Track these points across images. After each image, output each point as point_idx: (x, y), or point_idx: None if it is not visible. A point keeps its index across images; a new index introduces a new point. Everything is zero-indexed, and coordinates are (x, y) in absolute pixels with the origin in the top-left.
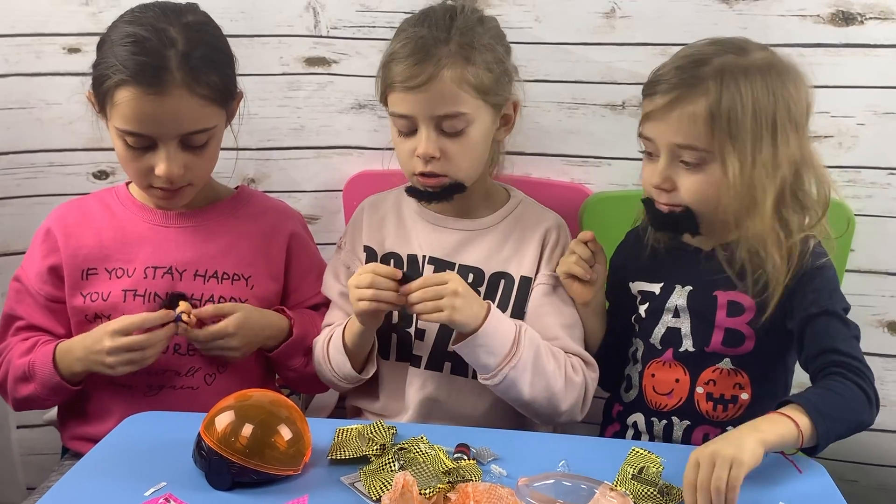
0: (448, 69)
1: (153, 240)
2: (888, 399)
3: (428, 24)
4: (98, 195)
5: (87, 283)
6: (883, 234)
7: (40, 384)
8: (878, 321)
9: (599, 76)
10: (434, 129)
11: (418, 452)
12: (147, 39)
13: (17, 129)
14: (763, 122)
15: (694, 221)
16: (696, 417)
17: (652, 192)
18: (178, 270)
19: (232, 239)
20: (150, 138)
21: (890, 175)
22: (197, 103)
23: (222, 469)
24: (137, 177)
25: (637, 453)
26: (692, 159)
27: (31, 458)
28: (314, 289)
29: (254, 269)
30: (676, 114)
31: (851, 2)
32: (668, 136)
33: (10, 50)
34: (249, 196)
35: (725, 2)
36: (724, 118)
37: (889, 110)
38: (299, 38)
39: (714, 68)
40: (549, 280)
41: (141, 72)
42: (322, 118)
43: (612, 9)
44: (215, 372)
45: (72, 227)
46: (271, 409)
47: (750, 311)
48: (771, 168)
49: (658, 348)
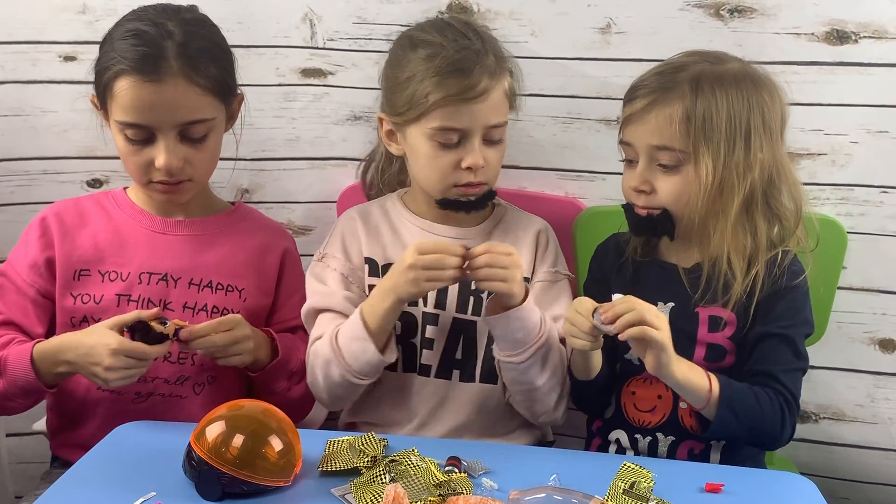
0: (496, 78)
1: (149, 245)
2: (879, 417)
3: (457, 37)
4: (95, 197)
5: (78, 284)
6: (875, 252)
7: (10, 381)
8: (870, 339)
9: (595, 91)
10: (481, 140)
11: (409, 465)
12: (146, 32)
13: (11, 137)
14: (737, 125)
15: (671, 223)
16: (680, 433)
17: (631, 195)
18: (174, 278)
19: (227, 250)
20: (149, 130)
21: (883, 193)
22: (194, 92)
23: (212, 479)
24: (138, 172)
25: (628, 468)
26: (669, 161)
27: (19, 467)
28: (296, 310)
29: (247, 282)
30: (653, 115)
31: (846, 21)
32: (645, 139)
33: (6, 57)
34: (246, 213)
35: (720, 19)
36: (699, 119)
37: (882, 129)
38: (296, 50)
39: (690, 74)
40: (547, 276)
41: (139, 60)
42: (317, 129)
43: (607, 24)
44: (204, 382)
45: (69, 226)
46: (262, 420)
47: (731, 326)
48: (742, 169)
49: (636, 364)
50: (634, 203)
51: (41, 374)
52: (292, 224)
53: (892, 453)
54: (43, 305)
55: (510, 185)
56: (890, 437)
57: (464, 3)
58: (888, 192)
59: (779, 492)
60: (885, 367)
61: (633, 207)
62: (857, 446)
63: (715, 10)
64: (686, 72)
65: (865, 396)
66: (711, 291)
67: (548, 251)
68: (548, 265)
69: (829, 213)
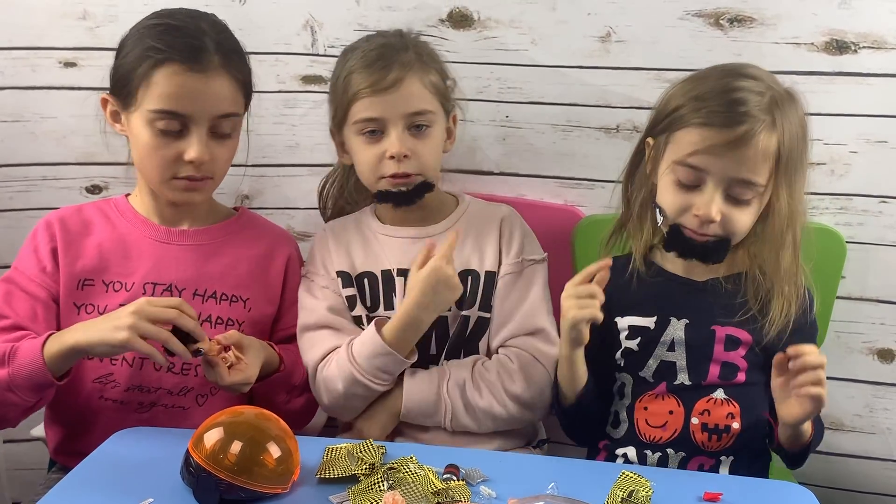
0: (414, 70)
1: (154, 255)
2: (877, 427)
3: (380, 38)
4: (97, 205)
5: (82, 294)
6: (874, 262)
7: (15, 369)
8: (869, 349)
9: (594, 99)
10: (404, 129)
11: (408, 472)
12: (182, 27)
13: (10, 142)
14: (798, 155)
15: (727, 251)
16: (691, 448)
17: (689, 221)
18: (178, 288)
19: (232, 260)
20: (184, 120)
21: (882, 203)
22: (231, 86)
23: (210, 486)
24: (162, 166)
25: (627, 476)
26: (746, 194)
27: (17, 473)
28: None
29: (251, 292)
30: (749, 150)
31: (845, 31)
32: (729, 171)
33: (6, 63)
34: (250, 219)
35: (720, 28)
36: (786, 152)
37: (881, 138)
38: (296, 57)
39: (766, 102)
40: (513, 268)
41: (184, 50)
42: (317, 136)
43: (607, 33)
44: (207, 393)
45: (73, 234)
46: (260, 427)
47: (746, 345)
48: (802, 199)
49: (650, 381)
50: (692, 228)
51: (50, 359)
52: (292, 230)
53: (891, 463)
54: (53, 310)
55: (509, 192)
56: (888, 447)
57: (464, 11)
58: (887, 202)
59: (777, 501)
60: (884, 378)
61: (681, 230)
62: (855, 456)
63: (715, 20)
64: (764, 99)
65: (864, 406)
66: (727, 309)
67: (513, 238)
68: (513, 254)
69: (828, 222)
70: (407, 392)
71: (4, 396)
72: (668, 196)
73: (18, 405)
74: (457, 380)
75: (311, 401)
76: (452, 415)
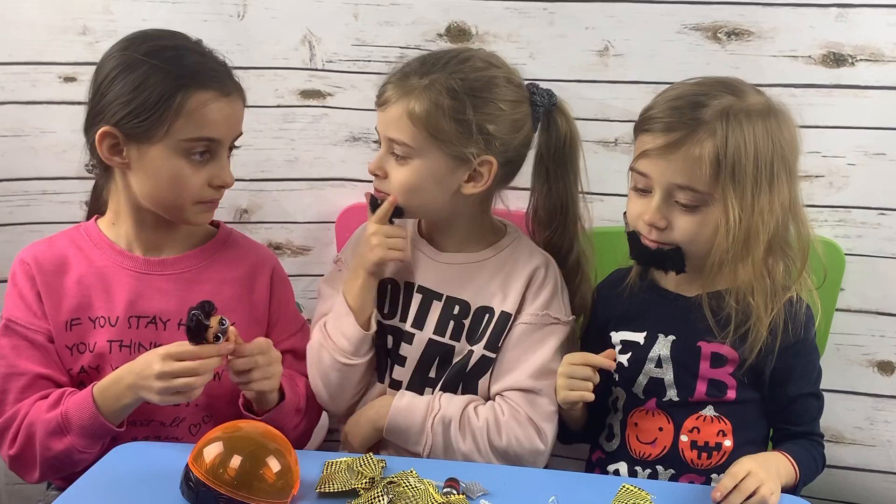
0: (403, 99)
1: (135, 288)
2: (878, 439)
3: (421, 58)
4: (67, 235)
5: (72, 335)
6: (873, 274)
7: (78, 433)
8: (869, 361)
9: (592, 113)
10: (386, 149)
11: (407, 486)
12: (194, 51)
13: (10, 157)
14: (762, 168)
15: (682, 260)
16: (680, 466)
17: (641, 227)
18: (162, 320)
19: (215, 285)
20: (215, 144)
21: (880, 215)
22: (242, 106)
23: (210, 500)
24: (192, 194)
25: (627, 490)
26: (689, 201)
27: (16, 488)
28: (289, 328)
29: (237, 315)
30: (681, 155)
31: (842, 43)
32: (667, 176)
33: (6, 78)
34: (228, 238)
35: (718, 42)
36: (729, 162)
37: (879, 151)
38: (295, 71)
39: (717, 110)
40: (534, 319)
41: (210, 75)
42: (316, 150)
43: (605, 47)
44: (200, 423)
45: (49, 274)
46: (260, 441)
47: (732, 363)
48: (767, 214)
49: (641, 398)
50: (643, 235)
51: (107, 414)
52: (291, 244)
53: (891, 476)
54: (54, 349)
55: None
56: (889, 459)
57: (462, 25)
58: (886, 214)
59: None
60: (884, 390)
61: (639, 237)
62: (856, 469)
63: (712, 33)
64: (709, 107)
65: (864, 419)
66: (711, 326)
67: (542, 290)
68: (538, 305)
69: (827, 234)
70: (393, 413)
71: (77, 458)
72: (629, 203)
73: (88, 459)
74: (444, 417)
75: (312, 423)
76: (431, 449)
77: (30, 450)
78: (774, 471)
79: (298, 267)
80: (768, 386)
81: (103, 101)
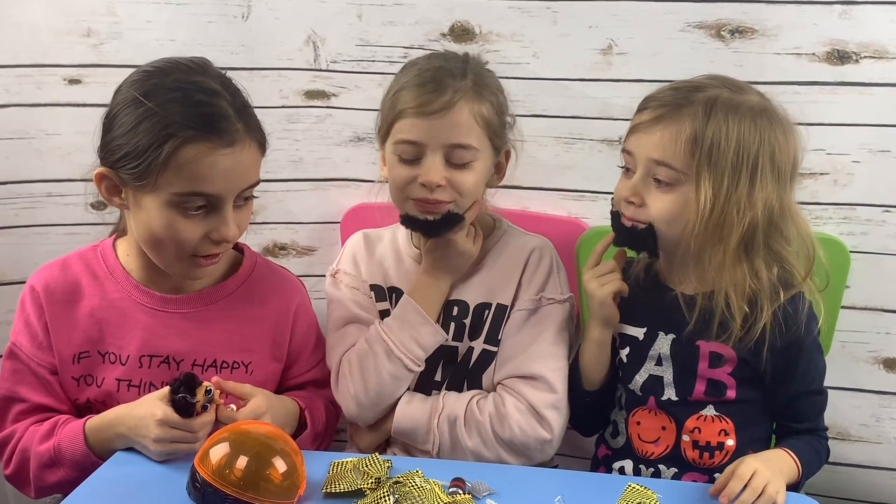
0: (464, 101)
1: (149, 325)
2: (884, 437)
3: (441, 60)
4: (83, 257)
5: (79, 367)
6: (878, 271)
7: (70, 467)
8: (874, 358)
9: (596, 112)
10: (442, 158)
11: (413, 486)
12: (195, 91)
13: (15, 159)
14: (744, 159)
15: (654, 240)
16: (683, 465)
17: (621, 204)
18: (176, 360)
19: (235, 324)
20: (214, 199)
21: (885, 212)
22: (256, 153)
23: (216, 501)
24: (184, 248)
25: (633, 489)
26: (666, 178)
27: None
28: (310, 362)
29: (255, 355)
30: (659, 129)
31: (847, 41)
32: (646, 151)
33: (10, 80)
34: (252, 271)
35: (721, 39)
36: (706, 143)
37: (884, 148)
38: (299, 72)
39: (707, 96)
40: (528, 305)
41: (208, 124)
42: (321, 151)
43: (609, 46)
44: None
45: (60, 307)
46: (266, 442)
47: (731, 362)
48: (744, 206)
49: (639, 395)
50: (622, 213)
51: (98, 452)
52: (296, 245)
53: None
54: (57, 379)
55: (513, 205)
56: (895, 456)
57: (466, 25)
58: (890, 212)
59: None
60: (890, 387)
61: (619, 215)
62: (862, 466)
63: (716, 31)
64: (703, 93)
65: (870, 416)
66: (709, 325)
67: (536, 273)
68: (532, 290)
69: (832, 232)
70: (399, 415)
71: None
72: (617, 182)
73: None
74: (449, 415)
75: (325, 446)
76: (439, 448)
77: (24, 473)
78: (778, 469)
79: (303, 267)
80: (769, 384)
81: (108, 135)
